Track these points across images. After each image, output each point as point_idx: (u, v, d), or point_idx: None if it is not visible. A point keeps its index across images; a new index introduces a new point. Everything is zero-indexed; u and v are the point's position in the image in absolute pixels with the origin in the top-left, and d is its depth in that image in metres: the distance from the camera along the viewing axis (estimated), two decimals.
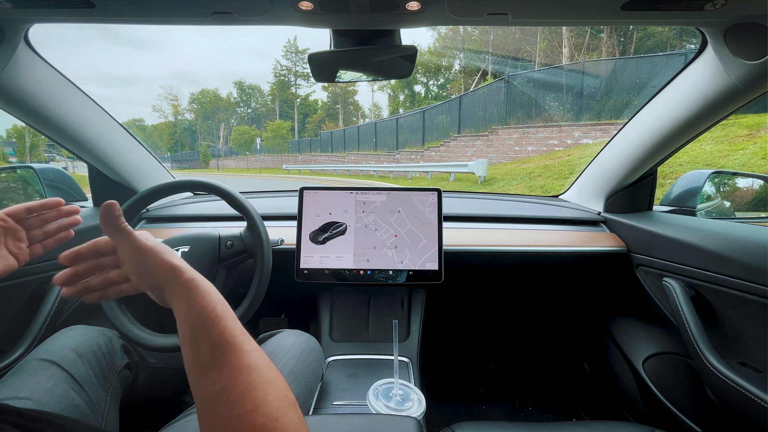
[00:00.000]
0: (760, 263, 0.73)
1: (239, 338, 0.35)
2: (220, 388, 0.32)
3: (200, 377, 0.34)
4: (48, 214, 0.58)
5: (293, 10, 0.60)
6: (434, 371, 1.44)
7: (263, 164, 27.86)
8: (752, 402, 0.69)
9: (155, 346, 0.74)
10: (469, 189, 7.34)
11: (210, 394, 0.33)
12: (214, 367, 0.34)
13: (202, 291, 0.38)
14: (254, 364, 0.34)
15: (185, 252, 0.81)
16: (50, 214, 0.59)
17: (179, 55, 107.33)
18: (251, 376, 0.33)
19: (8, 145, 24.54)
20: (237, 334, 0.36)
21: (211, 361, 0.34)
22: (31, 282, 0.86)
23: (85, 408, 0.60)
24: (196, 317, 0.37)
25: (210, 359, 0.34)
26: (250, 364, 0.34)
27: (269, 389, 0.33)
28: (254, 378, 0.33)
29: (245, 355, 0.34)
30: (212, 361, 0.34)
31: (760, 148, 5.02)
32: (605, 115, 8.74)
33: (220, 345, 0.35)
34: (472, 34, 23.52)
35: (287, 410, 0.32)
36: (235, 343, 0.35)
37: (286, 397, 0.33)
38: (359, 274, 0.97)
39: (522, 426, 0.73)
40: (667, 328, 1.01)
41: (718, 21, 0.65)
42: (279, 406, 0.32)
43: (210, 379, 0.33)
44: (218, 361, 0.34)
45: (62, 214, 0.59)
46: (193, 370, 0.35)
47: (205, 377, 0.34)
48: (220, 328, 0.35)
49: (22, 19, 0.68)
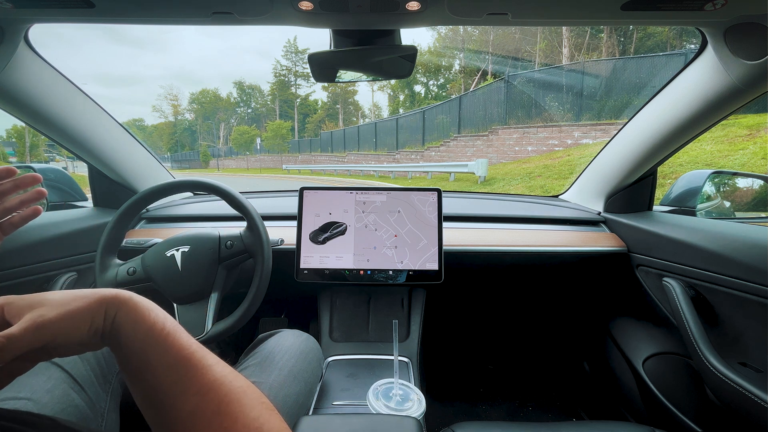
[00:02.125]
0: (760, 263, 0.73)
1: (198, 354, 0.32)
2: (188, 412, 0.30)
3: (161, 405, 0.30)
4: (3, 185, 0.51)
5: (293, 10, 0.60)
6: (434, 371, 1.44)
7: (263, 164, 27.86)
8: (752, 402, 0.69)
9: None
10: (469, 189, 7.34)
11: (178, 421, 0.30)
12: (175, 390, 0.30)
13: (146, 308, 0.33)
14: (221, 377, 0.32)
15: (185, 252, 0.81)
16: (5, 185, 0.51)
17: (180, 54, 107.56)
18: (222, 390, 0.31)
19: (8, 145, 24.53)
20: (195, 350, 0.33)
21: (172, 384, 0.30)
22: (31, 282, 0.86)
23: (85, 408, 0.60)
24: (145, 340, 0.32)
25: (170, 382, 0.30)
26: (216, 379, 0.31)
27: (244, 400, 0.31)
28: (225, 392, 0.31)
29: (209, 370, 0.32)
30: (173, 384, 0.30)
31: (760, 148, 5.02)
32: (605, 115, 8.74)
33: (179, 365, 0.31)
34: (472, 34, 23.53)
35: (268, 417, 0.31)
36: (195, 360, 0.32)
37: (262, 403, 0.32)
38: (359, 274, 0.97)
39: (522, 426, 0.73)
40: (667, 328, 1.01)
41: (718, 21, 0.65)
42: (258, 414, 0.30)
43: (174, 405, 0.30)
44: (180, 382, 0.30)
45: (20, 184, 0.52)
46: (151, 400, 0.31)
47: (168, 403, 0.30)
48: (176, 347, 0.32)
49: (22, 19, 0.68)
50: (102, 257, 0.80)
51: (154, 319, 0.33)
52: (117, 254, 0.84)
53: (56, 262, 0.91)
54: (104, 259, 0.80)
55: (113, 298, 0.33)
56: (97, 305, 0.32)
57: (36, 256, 0.87)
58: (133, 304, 0.34)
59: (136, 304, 0.34)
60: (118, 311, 0.33)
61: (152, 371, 0.31)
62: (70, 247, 0.95)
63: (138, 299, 0.35)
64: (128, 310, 0.33)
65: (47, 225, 0.92)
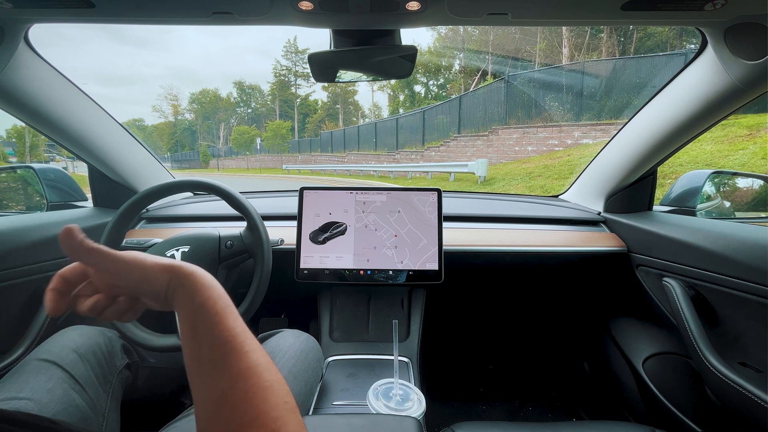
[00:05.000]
0: (760, 263, 0.73)
1: (240, 338, 0.34)
2: (219, 393, 0.31)
3: (199, 377, 0.33)
4: None
5: (293, 10, 0.60)
6: (434, 371, 1.44)
7: (263, 164, 27.86)
8: (752, 402, 0.69)
9: (155, 346, 0.74)
10: (469, 189, 7.34)
11: (209, 399, 0.31)
12: (214, 368, 0.32)
13: (203, 285, 0.37)
14: (254, 366, 0.33)
15: (185, 252, 0.81)
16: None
17: (182, 53, 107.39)
18: (251, 381, 0.32)
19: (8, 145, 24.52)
20: (238, 333, 0.34)
21: (211, 362, 0.33)
22: (31, 282, 0.86)
23: (86, 408, 0.60)
24: (196, 314, 0.35)
25: (210, 360, 0.33)
26: (249, 367, 0.32)
27: (269, 396, 0.31)
28: (253, 383, 0.32)
29: (245, 356, 0.33)
30: (212, 362, 0.33)
31: (760, 148, 5.02)
32: (605, 115, 8.74)
33: (221, 345, 0.33)
34: (472, 34, 23.52)
35: (287, 418, 0.31)
36: (235, 344, 0.33)
37: (286, 403, 0.32)
38: (359, 274, 0.97)
39: (522, 426, 0.73)
40: (667, 328, 1.01)
41: (718, 21, 0.65)
42: (279, 415, 0.31)
43: (209, 382, 0.32)
44: (218, 362, 0.32)
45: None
46: (193, 370, 0.33)
47: (204, 379, 0.33)
48: (220, 326, 0.34)
49: (22, 19, 0.68)
50: None
51: (208, 295, 0.36)
52: None
53: (56, 262, 0.91)
54: None
55: (175, 268, 0.37)
56: (161, 272, 0.37)
57: (36, 256, 0.87)
58: (193, 279, 0.37)
59: (196, 278, 0.37)
60: (177, 281, 0.37)
61: (198, 344, 0.34)
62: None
63: (200, 274, 0.38)
64: (187, 282, 0.37)
65: (47, 225, 0.92)
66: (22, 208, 1.47)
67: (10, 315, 0.84)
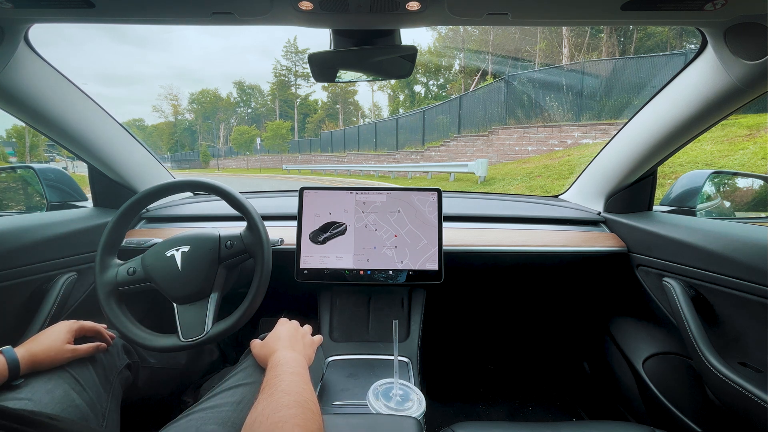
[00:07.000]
0: (760, 263, 0.73)
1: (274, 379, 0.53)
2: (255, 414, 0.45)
3: (261, 394, 0.49)
4: None
5: (293, 10, 0.60)
6: (434, 371, 1.44)
7: (263, 164, 27.84)
8: (752, 402, 0.69)
9: (155, 347, 0.74)
10: (469, 189, 7.34)
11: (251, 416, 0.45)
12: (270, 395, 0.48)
13: (277, 369, 0.56)
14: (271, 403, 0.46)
15: (185, 252, 0.81)
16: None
17: (182, 53, 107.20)
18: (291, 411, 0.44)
19: (8, 145, 24.50)
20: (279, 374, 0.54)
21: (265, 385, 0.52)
22: (31, 282, 0.86)
23: (86, 408, 0.60)
24: (268, 378, 0.53)
25: (265, 381, 0.54)
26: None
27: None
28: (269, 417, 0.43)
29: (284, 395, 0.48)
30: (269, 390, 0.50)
31: (760, 148, 5.02)
32: (605, 115, 8.74)
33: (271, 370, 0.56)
34: (472, 34, 23.52)
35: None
36: (276, 372, 0.55)
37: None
38: (359, 274, 0.97)
39: (522, 426, 0.73)
40: (667, 328, 1.01)
41: (718, 21, 0.65)
42: None
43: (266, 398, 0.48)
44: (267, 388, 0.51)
45: None
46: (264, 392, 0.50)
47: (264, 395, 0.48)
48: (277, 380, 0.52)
49: (22, 19, 0.68)
50: (102, 257, 0.80)
51: (272, 374, 0.55)
52: (117, 254, 0.84)
53: (56, 262, 0.91)
54: (104, 259, 0.80)
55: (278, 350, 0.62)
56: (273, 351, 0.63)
57: (36, 256, 0.87)
58: (275, 361, 0.58)
59: (276, 362, 0.58)
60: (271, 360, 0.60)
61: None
62: (70, 247, 0.95)
63: (277, 359, 0.59)
64: (273, 364, 0.58)
65: (47, 225, 0.92)
66: (22, 208, 1.47)
67: (10, 315, 0.84)
